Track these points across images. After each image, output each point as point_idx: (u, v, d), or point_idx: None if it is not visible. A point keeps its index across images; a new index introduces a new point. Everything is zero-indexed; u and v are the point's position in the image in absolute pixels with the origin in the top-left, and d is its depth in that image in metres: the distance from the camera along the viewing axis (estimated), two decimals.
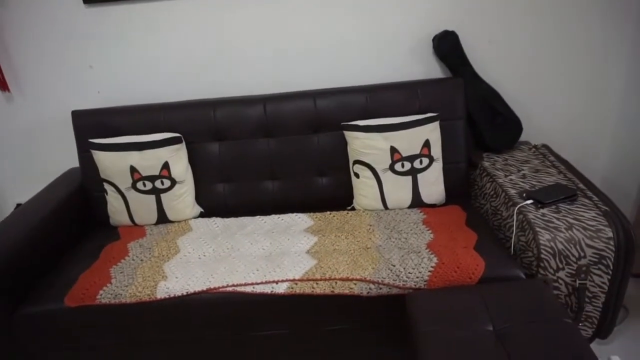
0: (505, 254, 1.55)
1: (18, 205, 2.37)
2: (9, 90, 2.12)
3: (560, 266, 1.46)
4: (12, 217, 1.75)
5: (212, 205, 1.97)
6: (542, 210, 1.56)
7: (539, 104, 2.14)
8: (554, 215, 1.53)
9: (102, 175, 1.89)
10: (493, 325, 1.25)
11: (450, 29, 1.99)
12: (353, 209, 1.93)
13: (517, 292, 1.35)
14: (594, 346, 1.72)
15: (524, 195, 1.65)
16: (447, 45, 1.97)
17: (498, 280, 1.46)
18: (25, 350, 1.59)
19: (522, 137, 2.07)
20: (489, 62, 2.06)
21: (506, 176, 1.81)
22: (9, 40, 2.04)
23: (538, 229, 1.47)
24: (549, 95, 2.12)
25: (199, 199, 1.97)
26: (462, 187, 1.97)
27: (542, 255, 1.45)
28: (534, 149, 2.01)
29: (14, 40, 2.04)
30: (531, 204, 1.59)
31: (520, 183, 1.74)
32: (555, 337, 1.18)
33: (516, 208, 1.59)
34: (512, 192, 1.69)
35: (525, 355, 1.15)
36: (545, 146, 2.02)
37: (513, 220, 1.60)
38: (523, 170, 1.84)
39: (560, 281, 1.48)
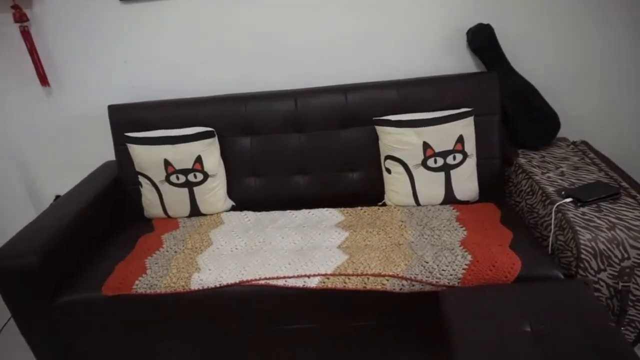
0: (542, 253, 1.51)
1: (57, 197, 2.45)
2: (49, 84, 2.19)
3: (602, 267, 1.41)
4: (52, 209, 1.81)
5: (243, 198, 1.99)
6: (582, 209, 1.50)
7: (578, 99, 2.07)
8: (595, 214, 1.47)
9: (137, 169, 1.93)
10: (530, 325, 1.22)
11: (485, 22, 1.95)
12: (384, 204, 1.91)
13: (555, 293, 1.31)
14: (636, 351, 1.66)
15: (563, 193, 1.59)
16: (481, 39, 1.93)
17: (535, 280, 1.42)
18: (63, 337, 1.64)
19: (560, 134, 2.01)
20: (526, 56, 2.01)
21: (543, 173, 1.75)
22: (49, 37, 2.10)
23: (578, 228, 1.42)
24: (587, 90, 2.05)
25: (230, 192, 1.99)
26: (496, 184, 1.92)
27: (582, 256, 1.40)
28: (572, 146, 1.94)
29: (54, 37, 2.10)
30: (570, 202, 1.54)
31: (559, 180, 1.69)
32: (598, 341, 1.14)
33: (554, 206, 1.55)
34: (550, 189, 1.64)
35: (565, 358, 1.11)
36: (584, 143, 1.95)
37: (551, 219, 1.55)
38: (561, 167, 1.78)
39: (602, 283, 1.43)
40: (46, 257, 1.56)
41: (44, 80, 2.16)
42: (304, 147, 1.94)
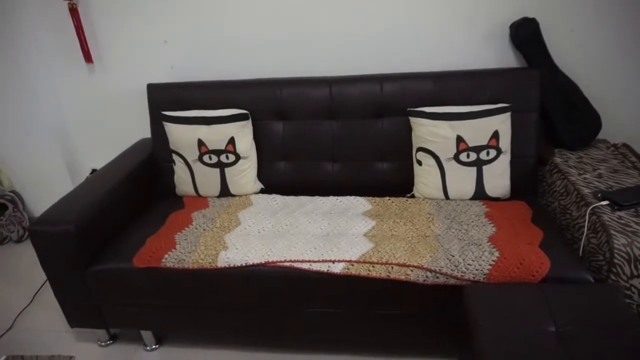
0: (572, 255, 1.47)
1: (93, 170, 2.54)
2: (92, 61, 2.26)
3: (635, 273, 1.36)
4: (88, 182, 1.88)
5: (272, 182, 2.02)
6: (618, 213, 1.46)
7: (621, 100, 1.99)
8: (633, 219, 1.43)
9: (172, 147, 1.97)
10: (555, 326, 1.20)
11: (530, 16, 1.89)
12: (412, 196, 1.90)
13: (584, 296, 1.29)
14: None
15: (599, 195, 1.55)
16: (525, 34, 1.88)
17: (563, 281, 1.39)
18: (95, 303, 1.71)
19: (600, 135, 1.94)
20: (570, 53, 1.94)
21: (580, 174, 1.71)
22: (95, 15, 2.16)
23: (613, 232, 1.38)
24: (632, 91, 1.97)
25: (260, 175, 2.01)
26: (529, 182, 1.88)
27: (615, 260, 1.37)
28: (612, 148, 1.88)
29: (99, 15, 2.16)
30: (607, 205, 1.50)
31: (595, 183, 1.64)
32: (627, 346, 1.12)
33: (589, 208, 1.51)
34: (586, 191, 1.59)
35: None
36: (625, 145, 1.88)
37: (585, 221, 1.51)
38: (599, 169, 1.73)
39: (634, 289, 1.38)
40: (82, 227, 1.62)
41: (88, 57, 2.23)
42: (335, 135, 1.94)
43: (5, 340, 1.93)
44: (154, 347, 1.82)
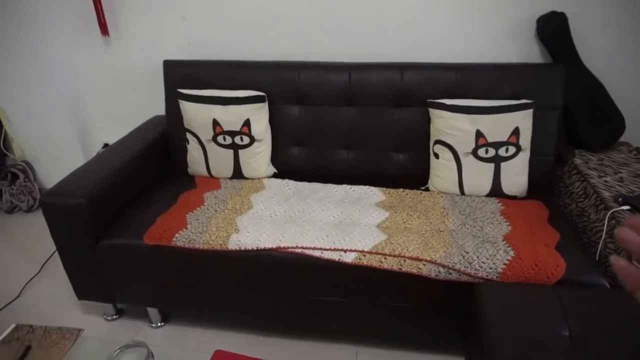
0: (588, 258, 1.45)
1: (105, 145, 2.53)
2: (108, 34, 2.23)
3: None
4: (100, 157, 1.87)
5: (285, 166, 2.00)
6: None
7: None
8: None
9: (186, 125, 1.95)
10: (569, 330, 1.18)
11: (559, 10, 1.84)
12: (427, 189, 1.88)
13: (599, 301, 1.27)
14: None
15: (620, 199, 1.52)
16: (552, 28, 1.83)
17: (578, 285, 1.37)
18: (103, 278, 1.71)
19: (623, 138, 1.90)
20: (598, 51, 1.89)
21: (600, 177, 1.67)
22: None
23: None
24: None
25: (273, 159, 1.99)
26: (546, 182, 1.85)
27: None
28: (635, 152, 1.84)
29: None
30: (627, 210, 1.47)
31: (616, 186, 1.61)
32: None
33: (609, 212, 1.48)
34: (606, 194, 1.56)
35: None
36: None
37: (603, 225, 1.49)
38: (620, 173, 1.69)
39: None
40: (94, 201, 1.62)
41: (104, 29, 2.21)
42: (352, 122, 1.91)
43: (13, 308, 1.95)
44: (159, 324, 1.83)
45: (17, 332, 1.30)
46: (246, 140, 1.89)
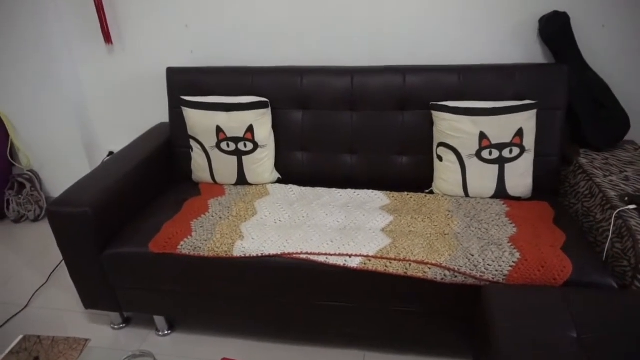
0: (595, 259, 1.44)
1: (110, 152, 2.54)
2: (111, 42, 2.24)
3: None
4: (106, 165, 1.88)
5: (289, 172, 2.00)
6: None
7: None
8: None
9: (190, 132, 1.96)
10: (577, 331, 1.17)
11: (561, 9, 1.83)
12: (431, 192, 1.87)
13: (607, 302, 1.26)
14: None
15: (626, 199, 1.50)
16: (555, 28, 1.82)
17: (585, 286, 1.36)
18: (110, 286, 1.72)
19: (628, 136, 1.89)
20: (601, 50, 1.88)
21: (605, 176, 1.66)
22: None
23: None
24: None
25: (277, 164, 2.00)
26: (551, 182, 1.84)
27: None
28: None
29: None
30: (634, 209, 1.46)
31: (622, 185, 1.59)
32: None
33: (615, 212, 1.46)
34: (612, 194, 1.55)
35: None
36: None
37: (610, 225, 1.47)
38: (626, 172, 1.68)
39: None
40: (99, 209, 1.63)
41: (107, 37, 2.22)
42: (355, 126, 1.91)
43: (21, 318, 1.96)
44: (166, 332, 1.83)
45: (25, 343, 1.31)
46: (250, 146, 1.89)
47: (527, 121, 1.72)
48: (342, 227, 1.64)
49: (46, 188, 2.69)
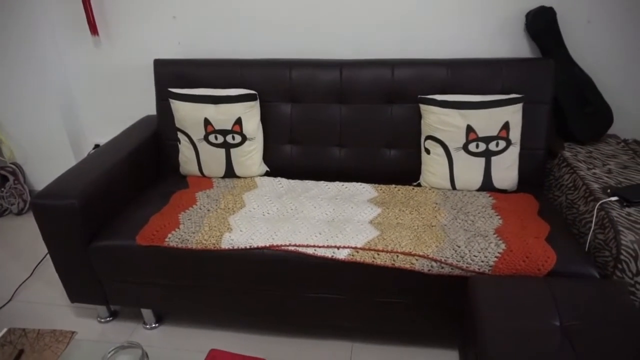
0: (578, 250, 1.47)
1: (96, 145, 2.51)
2: (97, 34, 2.21)
3: None
4: (91, 158, 1.85)
5: (277, 165, 2.00)
6: (627, 209, 1.45)
7: (634, 96, 1.97)
8: None
9: (177, 125, 1.95)
10: (560, 320, 1.20)
11: (547, 4, 1.85)
12: (419, 185, 1.89)
13: (590, 291, 1.28)
14: None
15: (609, 191, 1.54)
16: (541, 23, 1.84)
17: (568, 276, 1.39)
18: (96, 279, 1.70)
19: (611, 130, 1.92)
20: (586, 45, 1.91)
21: (589, 169, 1.69)
22: None
23: (621, 229, 1.38)
24: None
25: (265, 157, 1.99)
26: (537, 175, 1.87)
27: (622, 257, 1.36)
28: (623, 144, 1.86)
29: None
30: (616, 201, 1.49)
31: (605, 178, 1.63)
32: (631, 343, 1.12)
33: (597, 204, 1.49)
34: (595, 186, 1.58)
35: (595, 355, 1.09)
36: (636, 142, 1.87)
37: (592, 216, 1.50)
38: (609, 164, 1.71)
39: (639, 286, 1.38)
40: (85, 202, 1.61)
41: (93, 29, 2.19)
42: (344, 119, 1.92)
43: (4, 312, 1.93)
44: (154, 325, 1.83)
45: (10, 335, 1.29)
46: (238, 138, 1.88)
47: (513, 115, 1.74)
48: (331, 220, 1.65)
49: (30, 182, 2.65)
